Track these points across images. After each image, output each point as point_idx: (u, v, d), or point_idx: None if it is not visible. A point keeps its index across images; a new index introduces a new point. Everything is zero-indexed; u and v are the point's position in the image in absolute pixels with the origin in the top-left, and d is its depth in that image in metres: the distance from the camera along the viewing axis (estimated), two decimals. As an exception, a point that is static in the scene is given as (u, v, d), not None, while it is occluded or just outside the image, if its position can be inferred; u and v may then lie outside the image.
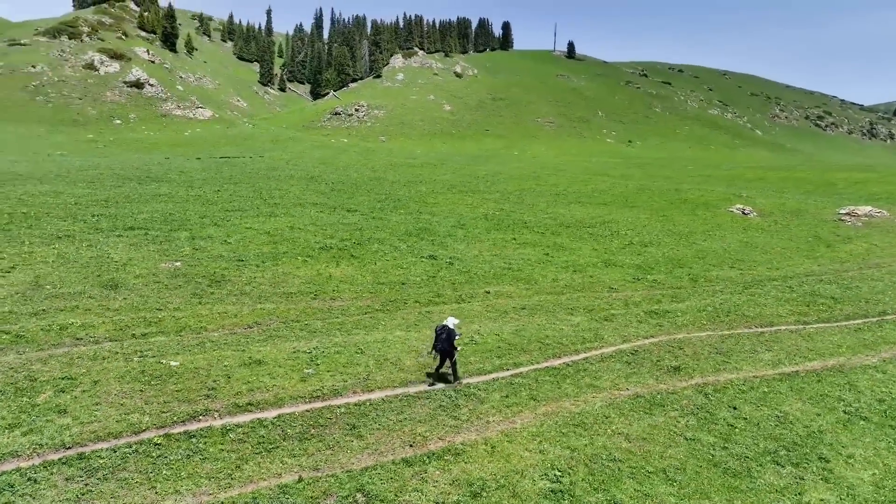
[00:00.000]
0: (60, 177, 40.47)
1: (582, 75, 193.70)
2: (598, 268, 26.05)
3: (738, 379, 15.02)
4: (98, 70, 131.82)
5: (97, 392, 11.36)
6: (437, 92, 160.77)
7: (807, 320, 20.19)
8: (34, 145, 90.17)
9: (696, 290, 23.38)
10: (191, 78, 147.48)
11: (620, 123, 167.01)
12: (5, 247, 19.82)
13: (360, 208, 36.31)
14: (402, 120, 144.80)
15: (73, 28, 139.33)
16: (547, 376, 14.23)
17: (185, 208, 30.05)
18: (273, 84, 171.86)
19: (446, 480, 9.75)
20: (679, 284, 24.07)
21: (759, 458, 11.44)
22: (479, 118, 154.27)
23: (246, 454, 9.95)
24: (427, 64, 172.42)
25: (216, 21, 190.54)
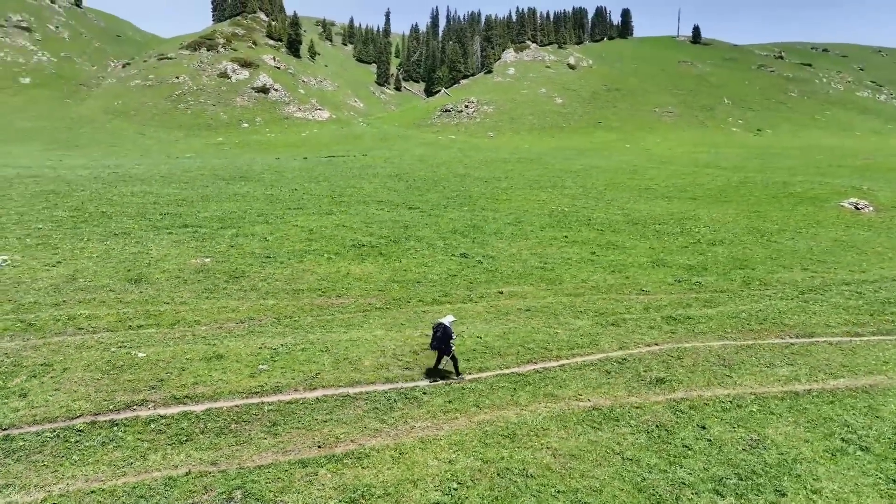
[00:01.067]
0: (164, 177, 44.59)
1: (707, 61, 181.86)
2: (642, 268, 24.51)
3: (729, 395, 13.57)
4: (230, 78, 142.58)
5: (62, 379, 12.51)
6: (549, 85, 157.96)
7: (860, 332, 17.77)
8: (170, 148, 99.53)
9: (742, 294, 21.34)
10: (312, 81, 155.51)
11: (749, 111, 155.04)
12: (65, 243, 22.28)
13: (423, 206, 36.66)
14: (512, 115, 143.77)
15: (210, 40, 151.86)
16: (507, 383, 13.68)
17: (249, 206, 31.99)
18: (389, 84, 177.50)
19: (332, 485, 9.72)
20: (725, 288, 22.08)
21: (699, 485, 10.29)
22: (591, 110, 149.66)
23: (157, 445, 10.52)
24: (539, 57, 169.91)
25: (338, 26, 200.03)
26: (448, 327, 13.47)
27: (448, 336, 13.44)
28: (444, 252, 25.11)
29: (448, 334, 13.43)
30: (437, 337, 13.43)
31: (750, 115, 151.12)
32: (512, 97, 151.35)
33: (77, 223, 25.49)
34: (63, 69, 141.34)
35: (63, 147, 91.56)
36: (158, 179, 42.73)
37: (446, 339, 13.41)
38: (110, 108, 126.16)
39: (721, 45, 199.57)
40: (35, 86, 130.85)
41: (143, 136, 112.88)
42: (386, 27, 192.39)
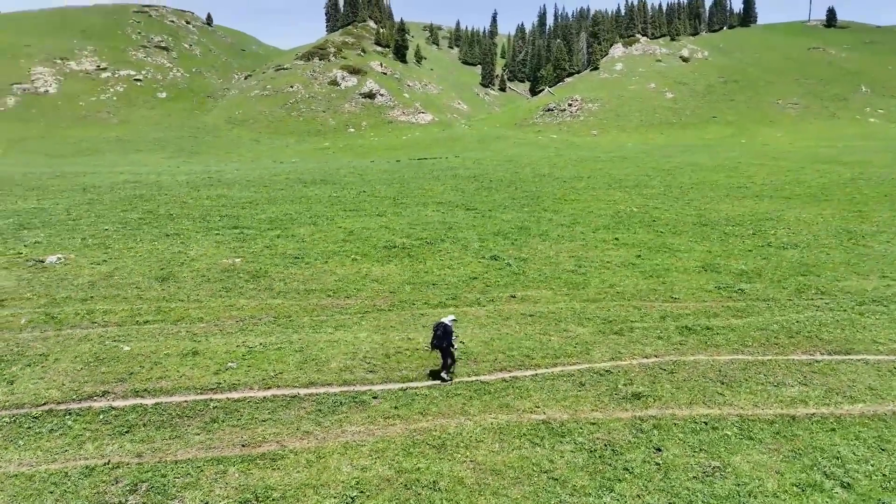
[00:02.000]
0: (249, 181, 47.49)
1: (843, 45, 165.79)
2: (686, 273, 22.79)
3: (709, 415, 12.29)
4: (339, 85, 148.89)
5: (49, 369, 13.67)
6: (659, 79, 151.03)
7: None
8: (279, 154, 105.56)
9: (787, 303, 19.24)
10: (417, 85, 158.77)
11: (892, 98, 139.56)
12: (119, 243, 24.33)
13: (482, 207, 36.34)
14: (618, 112, 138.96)
15: (322, 50, 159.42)
16: (466, 390, 13.24)
17: (307, 209, 33.26)
18: (493, 85, 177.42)
19: (236, 484, 9.88)
20: (770, 296, 20.03)
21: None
22: (704, 104, 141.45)
23: (98, 435, 11.20)
24: (650, 50, 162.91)
25: (444, 30, 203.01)
26: (448, 326, 13.49)
27: (448, 334, 13.43)
28: (476, 254, 24.71)
29: (448, 333, 13.43)
30: (437, 336, 13.42)
31: (893, 103, 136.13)
32: (618, 93, 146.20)
33: (141, 225, 27.79)
34: (194, 83, 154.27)
35: (185, 154, 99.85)
36: (243, 183, 45.52)
37: (447, 336, 13.39)
38: (231, 118, 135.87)
39: (860, 27, 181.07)
40: (170, 99, 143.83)
41: (257, 143, 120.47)
42: (492, 28, 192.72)
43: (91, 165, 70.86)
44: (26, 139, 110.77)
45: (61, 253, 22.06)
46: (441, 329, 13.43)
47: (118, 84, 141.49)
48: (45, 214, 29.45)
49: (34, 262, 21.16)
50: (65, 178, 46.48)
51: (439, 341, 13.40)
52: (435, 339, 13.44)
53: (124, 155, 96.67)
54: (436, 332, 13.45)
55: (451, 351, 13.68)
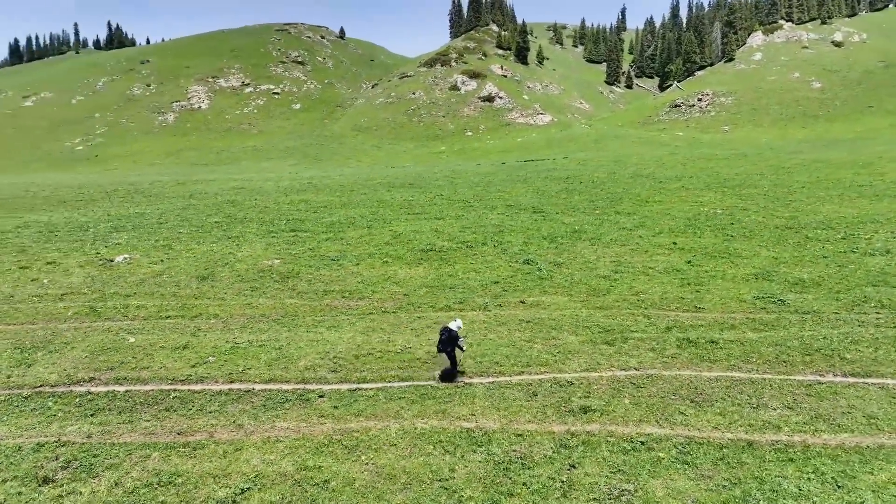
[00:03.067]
0: (342, 186, 49.96)
1: None
2: (731, 281, 21.04)
3: (652, 435, 11.52)
4: (459, 89, 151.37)
5: (64, 356, 15.54)
6: (804, 68, 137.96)
7: (952, 378, 13.09)
8: (395, 159, 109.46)
9: (829, 317, 17.22)
10: (537, 87, 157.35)
11: None
12: (183, 245, 26.77)
13: (551, 209, 35.61)
14: (754, 105, 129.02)
15: (444, 56, 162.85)
16: (411, 394, 13.28)
17: (373, 212, 34.47)
18: (619, 82, 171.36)
19: (153, 468, 10.78)
20: (814, 308, 18.03)
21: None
22: (859, 93, 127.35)
23: (67, 416, 12.65)
24: (794, 37, 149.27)
25: (569, 28, 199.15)
26: (453, 331, 13.71)
27: (454, 339, 13.64)
28: (511, 258, 24.36)
29: (454, 337, 13.65)
30: (442, 340, 13.69)
31: None
32: (755, 85, 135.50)
33: (212, 228, 30.35)
34: (325, 94, 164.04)
35: (310, 161, 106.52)
36: (333, 188, 48.00)
37: (451, 342, 13.62)
38: (357, 125, 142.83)
39: None
40: (303, 110, 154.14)
41: (378, 149, 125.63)
42: (619, 24, 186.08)
43: (220, 173, 77.98)
44: (182, 150, 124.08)
45: (129, 253, 24.84)
46: (446, 334, 13.65)
47: (259, 98, 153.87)
48: (140, 219, 33.14)
49: (105, 261, 24.01)
50: (184, 186, 51.81)
51: (444, 346, 13.63)
52: (440, 344, 13.70)
53: (257, 162, 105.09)
54: (441, 337, 13.70)
55: (454, 355, 13.78)
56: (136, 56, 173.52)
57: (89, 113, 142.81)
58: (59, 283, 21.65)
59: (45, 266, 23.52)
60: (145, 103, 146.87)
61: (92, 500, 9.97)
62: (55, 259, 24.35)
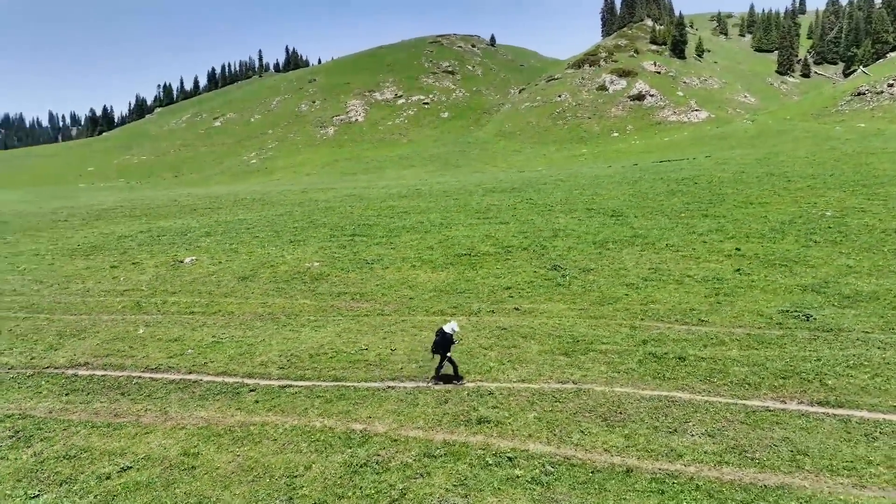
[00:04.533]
0: (444, 192, 51.04)
1: None
2: (769, 293, 18.79)
3: (529, 452, 10.94)
4: (607, 89, 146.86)
5: (84, 343, 18.01)
6: None
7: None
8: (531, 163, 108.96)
9: (841, 338, 14.88)
10: (694, 82, 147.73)
11: None
12: (248, 248, 29.16)
13: (631, 213, 33.66)
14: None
15: (592, 56, 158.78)
16: (329, 394, 13.75)
17: (440, 217, 34.93)
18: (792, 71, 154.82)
19: (73, 443, 12.37)
20: (839, 326, 15.85)
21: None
22: None
23: (49, 393, 14.78)
24: None
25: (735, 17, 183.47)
26: (447, 333, 13.82)
27: (447, 342, 13.82)
28: (541, 263, 23.58)
29: (447, 340, 13.81)
30: (436, 342, 13.93)
31: None
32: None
33: (285, 233, 32.67)
34: (473, 101, 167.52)
35: (449, 167, 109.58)
36: (435, 194, 49.22)
37: (445, 344, 13.81)
38: (501, 131, 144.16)
39: None
40: (451, 118, 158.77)
41: (518, 154, 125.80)
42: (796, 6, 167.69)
43: (355, 181, 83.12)
44: (337, 161, 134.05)
45: (198, 255, 27.78)
46: (440, 335, 13.79)
47: (410, 108, 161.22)
48: (236, 224, 36.64)
49: (176, 262, 27.14)
50: (304, 194, 56.20)
51: (436, 347, 13.81)
52: (434, 346, 13.88)
53: (398, 171, 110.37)
54: (435, 339, 13.85)
55: (448, 356, 13.86)
56: (306, 76, 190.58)
57: (264, 130, 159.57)
58: (130, 280, 24.97)
59: (129, 266, 27.21)
60: (310, 118, 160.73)
61: (12, 465, 11.66)
62: (141, 260, 28.05)
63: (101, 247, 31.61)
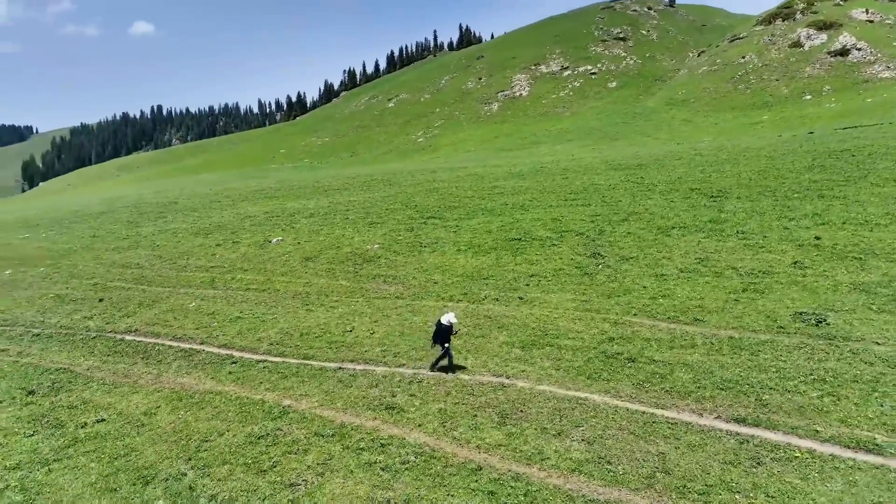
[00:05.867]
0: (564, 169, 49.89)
1: None
2: (811, 292, 16.75)
3: (401, 439, 11.61)
4: (802, 46, 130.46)
5: (149, 312, 21.30)
6: None
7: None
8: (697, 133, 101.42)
9: (840, 347, 13.16)
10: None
11: None
12: (329, 229, 31.31)
13: (734, 193, 30.63)
14: None
15: (787, 9, 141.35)
16: (289, 370, 15.23)
17: (531, 198, 34.51)
18: None
19: (77, 395, 15.18)
20: (850, 335, 13.90)
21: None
22: None
23: (95, 353, 18.02)
24: None
25: None
26: (444, 324, 13.92)
27: (444, 332, 14.02)
28: (584, 250, 22.76)
29: (443, 330, 14.05)
30: (435, 333, 14.54)
31: None
32: None
33: (372, 214, 34.34)
34: (644, 68, 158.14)
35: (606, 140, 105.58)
36: (553, 173, 48.37)
37: (443, 334, 14.11)
38: (672, 99, 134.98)
39: None
40: (619, 88, 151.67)
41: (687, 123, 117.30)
42: None
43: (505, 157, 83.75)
44: (497, 137, 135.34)
45: (285, 236, 30.69)
46: (437, 326, 14.05)
47: (576, 80, 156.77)
48: (343, 205, 39.25)
49: (265, 242, 30.29)
50: (432, 174, 58.09)
51: (436, 338, 14.19)
52: (433, 336, 14.26)
53: (552, 145, 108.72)
54: (435, 330, 14.21)
55: (447, 347, 14.18)
56: (474, 53, 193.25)
57: (432, 109, 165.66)
58: (222, 258, 28.57)
59: (230, 244, 30.98)
60: (476, 95, 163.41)
61: (34, 409, 14.70)
62: (241, 239, 31.71)
63: (223, 226, 36.21)
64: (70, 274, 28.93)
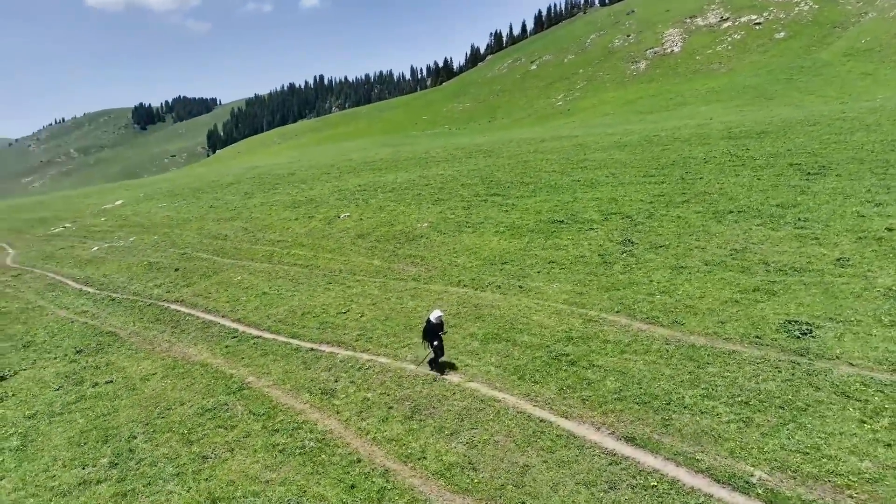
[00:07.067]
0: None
1: None
2: (833, 298, 14.97)
3: (315, 425, 12.41)
4: None
5: (204, 282, 23.74)
6: None
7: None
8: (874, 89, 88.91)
9: (781, 365, 11.49)
10: None
11: None
12: (393, 204, 32.00)
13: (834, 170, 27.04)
14: None
15: None
16: (271, 347, 16.50)
17: (602, 175, 32.80)
18: None
19: (117, 355, 17.67)
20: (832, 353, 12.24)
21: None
22: None
23: (141, 319, 20.66)
24: None
25: None
26: (432, 322, 13.43)
27: (430, 330, 13.48)
28: (619, 235, 21.61)
29: (430, 328, 13.47)
30: (424, 330, 13.67)
31: None
32: None
33: (441, 191, 34.50)
34: (821, 15, 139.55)
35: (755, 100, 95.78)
36: (660, 142, 45.25)
37: (429, 332, 13.52)
38: (852, 48, 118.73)
39: None
40: (787, 38, 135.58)
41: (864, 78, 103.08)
42: None
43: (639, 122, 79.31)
44: (641, 98, 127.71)
45: (352, 212, 32.05)
46: (427, 324, 13.49)
47: (736, 32, 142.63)
48: (417, 181, 39.72)
49: (333, 217, 31.87)
50: (529, 144, 56.63)
51: (424, 335, 13.57)
52: (423, 334, 13.65)
53: (696, 107, 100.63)
54: (424, 327, 13.54)
55: (435, 344, 13.56)
56: (624, 8, 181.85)
57: (575, 70, 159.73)
58: (292, 232, 30.68)
59: (305, 219, 33.00)
60: (622, 54, 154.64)
61: (71, 367, 17.39)
62: (316, 214, 33.61)
63: (313, 200, 38.60)
64: (170, 243, 32.88)
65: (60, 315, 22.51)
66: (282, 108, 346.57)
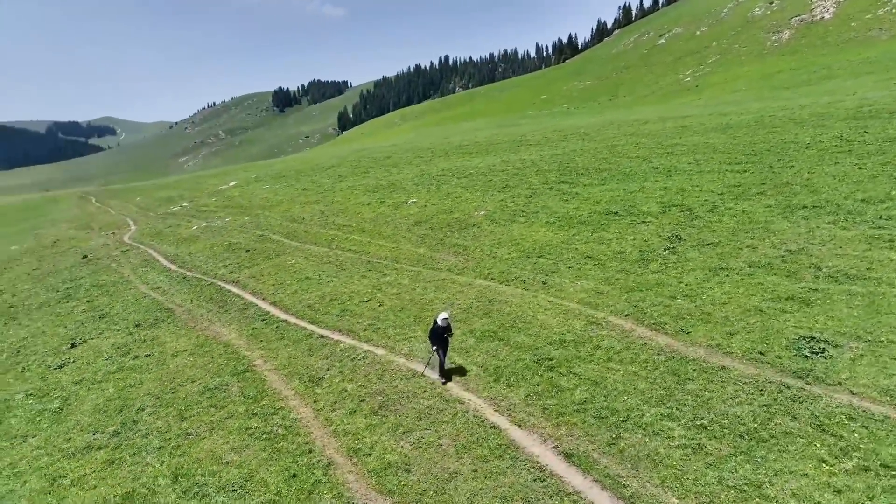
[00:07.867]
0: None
1: None
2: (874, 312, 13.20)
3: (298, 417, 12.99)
4: None
5: (264, 265, 25.11)
6: None
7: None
8: None
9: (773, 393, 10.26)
10: None
11: None
12: (462, 191, 31.61)
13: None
14: None
15: None
16: (289, 329, 17.28)
17: (685, 162, 30.49)
18: None
19: (165, 330, 19.38)
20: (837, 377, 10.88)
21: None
22: None
23: (198, 296, 22.33)
24: None
25: None
26: (438, 325, 12.94)
27: (435, 333, 13.04)
28: (670, 231, 20.24)
29: (435, 331, 13.03)
30: (431, 332, 13.22)
31: None
32: None
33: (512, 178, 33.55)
34: None
35: None
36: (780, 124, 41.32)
37: (434, 335, 13.10)
38: None
39: None
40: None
41: None
42: None
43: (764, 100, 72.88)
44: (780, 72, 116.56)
45: (419, 198, 32.19)
46: (433, 325, 13.04)
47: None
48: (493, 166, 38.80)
49: (402, 203, 32.21)
50: (629, 126, 53.45)
51: (432, 339, 13.08)
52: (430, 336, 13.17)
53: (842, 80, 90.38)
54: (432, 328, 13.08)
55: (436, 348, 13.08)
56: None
57: (708, 43, 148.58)
58: (360, 217, 31.46)
59: (378, 204, 33.67)
60: (763, 24, 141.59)
61: (128, 339, 19.26)
62: (384, 199, 34.13)
63: (392, 185, 39.25)
64: (255, 224, 35.06)
65: (140, 290, 24.90)
66: (407, 90, 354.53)
